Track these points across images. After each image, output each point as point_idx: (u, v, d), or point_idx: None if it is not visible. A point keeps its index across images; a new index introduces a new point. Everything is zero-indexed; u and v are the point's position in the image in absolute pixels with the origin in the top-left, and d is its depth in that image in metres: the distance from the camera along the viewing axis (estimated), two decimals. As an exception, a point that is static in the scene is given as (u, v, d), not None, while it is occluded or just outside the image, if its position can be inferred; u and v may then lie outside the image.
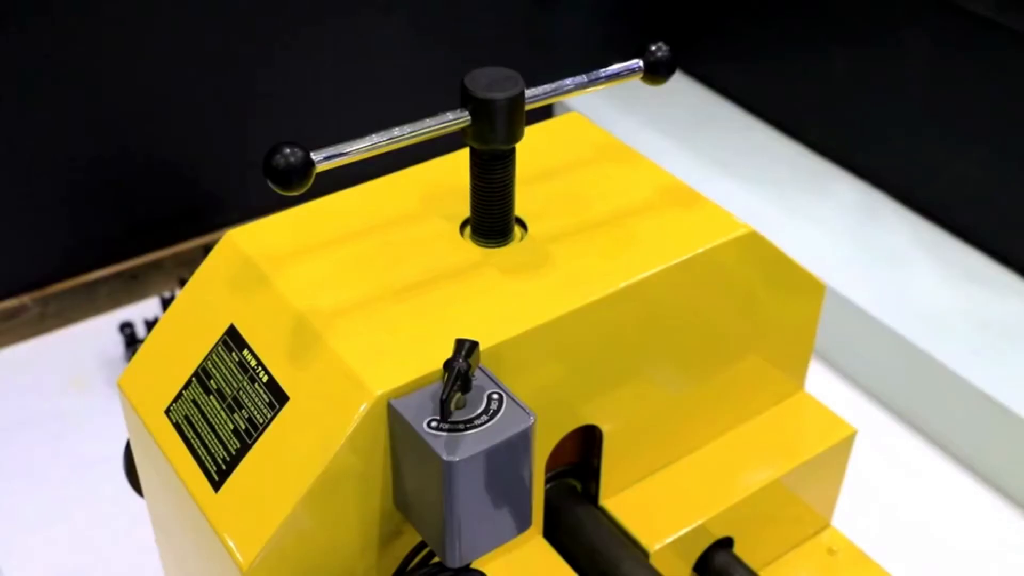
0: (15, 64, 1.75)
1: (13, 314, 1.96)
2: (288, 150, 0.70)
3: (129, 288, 2.05)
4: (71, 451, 1.79)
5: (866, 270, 1.96)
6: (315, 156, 0.71)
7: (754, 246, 0.87)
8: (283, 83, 2.01)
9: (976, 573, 1.64)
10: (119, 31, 1.81)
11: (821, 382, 1.86)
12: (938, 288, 1.92)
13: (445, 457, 0.66)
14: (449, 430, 0.67)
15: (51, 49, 1.76)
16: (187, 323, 0.84)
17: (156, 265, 2.06)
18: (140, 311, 2.05)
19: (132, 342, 1.94)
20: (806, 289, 0.94)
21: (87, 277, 2.01)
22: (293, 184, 0.70)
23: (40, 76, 1.78)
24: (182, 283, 1.92)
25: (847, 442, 0.98)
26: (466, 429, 0.67)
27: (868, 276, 1.95)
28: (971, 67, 1.89)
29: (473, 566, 0.77)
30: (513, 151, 0.80)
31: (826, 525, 1.04)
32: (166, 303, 1.93)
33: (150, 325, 1.92)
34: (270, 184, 0.70)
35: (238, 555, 0.71)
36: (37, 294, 1.97)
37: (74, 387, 1.91)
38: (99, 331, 2.01)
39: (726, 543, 0.94)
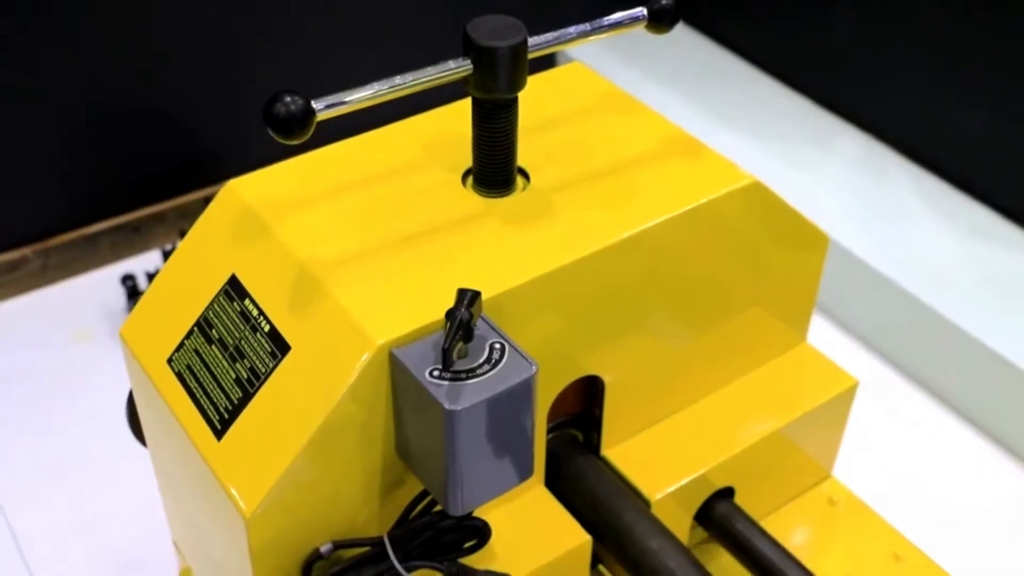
0: (16, 17, 1.74)
1: (14, 266, 1.96)
2: (289, 98, 0.69)
3: (130, 240, 2.05)
4: (74, 402, 1.80)
5: (869, 224, 1.96)
6: (316, 104, 0.71)
7: (758, 197, 0.87)
8: (285, 34, 1.99)
9: (975, 524, 1.65)
10: (118, -20, 1.80)
11: (823, 335, 1.86)
12: (941, 242, 1.92)
13: (447, 406, 0.66)
14: (451, 379, 0.67)
15: (52, 1, 1.75)
16: (188, 273, 0.83)
17: (157, 217, 2.06)
18: (142, 263, 2.05)
19: (134, 294, 1.94)
20: (810, 241, 0.94)
21: (88, 229, 2.00)
22: (294, 132, 0.70)
23: (41, 28, 1.77)
24: (183, 235, 1.91)
25: (849, 393, 0.98)
26: (468, 378, 0.67)
27: (871, 230, 1.94)
28: (976, 21, 1.87)
29: (475, 515, 0.77)
30: (515, 100, 0.80)
31: (827, 476, 1.05)
32: (168, 255, 1.93)
33: (152, 277, 1.92)
34: (271, 132, 0.70)
35: (241, 503, 0.71)
36: (38, 246, 1.97)
37: (76, 339, 1.91)
38: (101, 283, 2.02)
39: (727, 493, 0.94)
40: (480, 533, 0.77)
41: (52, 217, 1.97)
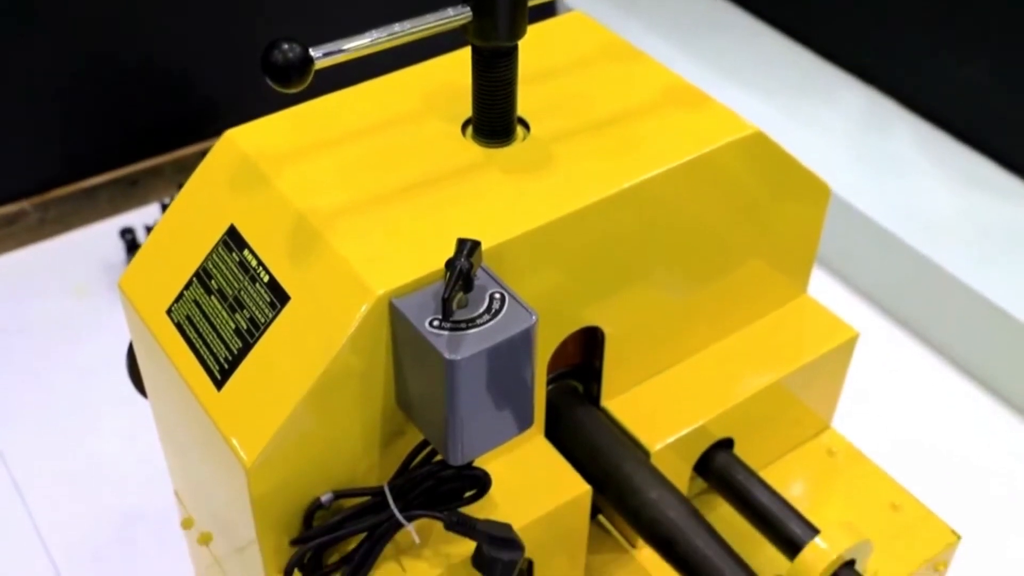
0: (7, -35, 1.72)
1: (12, 220, 1.95)
2: (286, 46, 0.69)
3: (129, 194, 2.04)
4: (74, 354, 1.80)
5: (870, 176, 1.95)
6: (314, 52, 0.70)
7: (760, 147, 0.86)
8: (281, -16, 1.97)
9: (973, 476, 1.66)
10: (112, -70, 1.77)
11: (823, 288, 1.86)
12: (942, 194, 1.91)
13: (447, 356, 0.66)
14: (451, 329, 0.67)
15: (44, -51, 1.73)
16: (187, 223, 0.83)
17: (155, 171, 2.05)
18: (140, 217, 2.04)
19: (133, 248, 1.93)
20: (811, 191, 0.93)
21: (87, 183, 1.99)
22: (292, 81, 0.69)
23: (33, -23, 1.75)
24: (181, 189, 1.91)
25: (849, 345, 0.98)
26: (468, 328, 0.67)
27: (872, 182, 1.94)
28: (983, -32, 1.85)
29: (475, 464, 0.77)
30: (515, 48, 0.79)
31: (826, 427, 1.05)
32: (166, 209, 1.92)
33: (150, 231, 1.92)
34: (269, 81, 0.69)
35: (241, 453, 0.71)
36: (37, 199, 1.96)
37: (76, 293, 1.91)
38: (99, 237, 2.01)
39: (726, 444, 0.94)
40: (480, 483, 0.78)
41: (50, 170, 1.96)
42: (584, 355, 0.90)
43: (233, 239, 0.78)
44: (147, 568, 1.49)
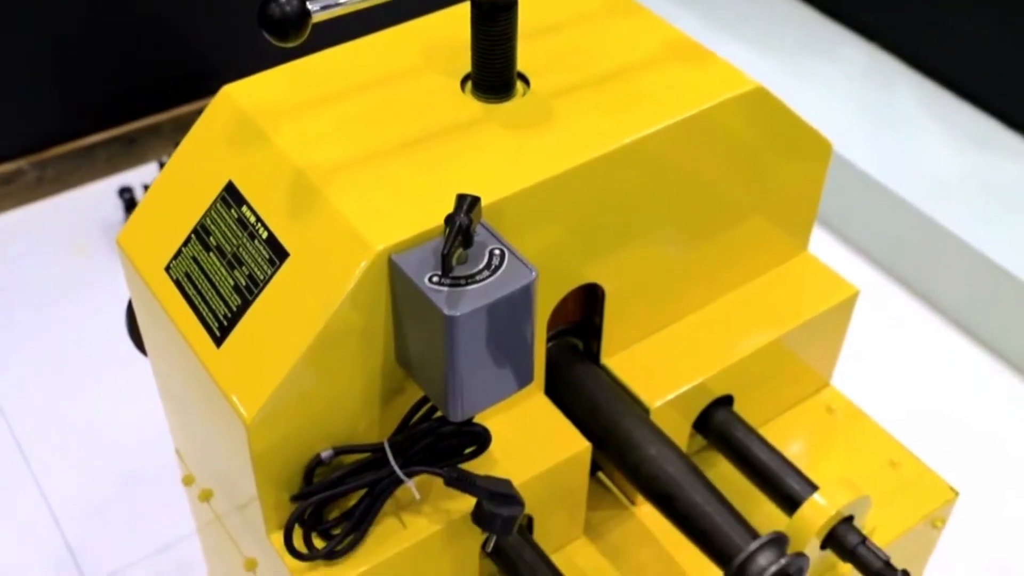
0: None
1: (10, 178, 1.94)
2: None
3: (127, 152, 2.03)
4: (74, 313, 1.80)
5: (872, 134, 1.94)
6: (311, 5, 0.69)
7: (761, 102, 0.86)
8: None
9: (971, 433, 1.66)
10: None
11: (824, 247, 1.86)
12: (944, 152, 1.90)
13: (447, 312, 0.65)
14: (451, 285, 0.67)
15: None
16: (185, 180, 0.83)
17: (153, 129, 2.04)
18: (139, 176, 2.03)
19: (131, 207, 1.93)
20: (813, 147, 0.93)
21: (84, 141, 1.99)
22: (289, 34, 0.68)
23: (27, -69, 1.73)
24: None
25: (849, 302, 0.98)
26: (467, 284, 0.67)
27: (874, 140, 1.93)
28: (988, -77, 1.83)
29: (475, 421, 0.77)
30: (515, 3, 0.78)
31: (825, 384, 1.05)
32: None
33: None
34: (266, 35, 0.68)
35: (241, 410, 0.71)
36: (34, 158, 1.96)
37: (75, 252, 1.91)
38: (98, 196, 2.01)
39: (726, 401, 0.95)
40: (480, 439, 0.78)
41: (47, 128, 1.95)
42: (584, 312, 0.90)
43: (231, 195, 0.78)
44: (148, 525, 1.50)
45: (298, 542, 0.76)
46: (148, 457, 1.56)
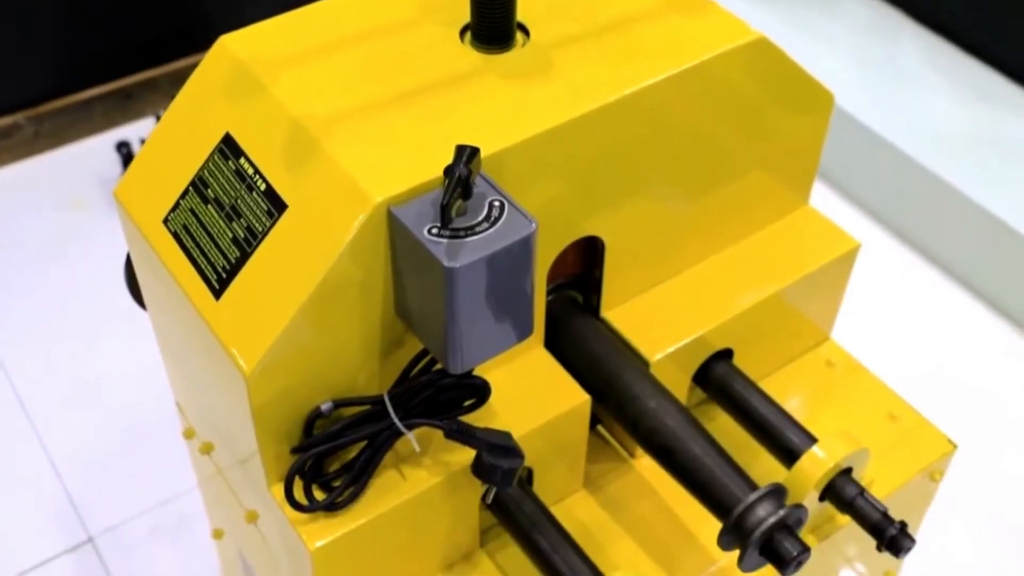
0: None
1: (7, 133, 1.93)
2: (279, -54, 0.67)
3: (124, 107, 2.02)
4: (73, 268, 1.80)
5: (875, 89, 1.93)
6: (308, -47, 0.68)
7: (763, 53, 0.85)
8: None
9: (971, 388, 1.67)
10: None
11: (824, 202, 1.86)
12: (947, 107, 1.89)
13: (446, 263, 0.65)
14: (450, 237, 0.67)
15: None
16: (182, 132, 0.82)
17: (150, 83, 2.03)
18: (136, 130, 2.02)
19: (128, 161, 1.92)
20: (815, 99, 0.92)
21: (81, 96, 1.97)
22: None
23: None
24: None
25: (850, 256, 0.98)
26: (467, 236, 0.67)
27: (877, 95, 1.92)
28: None
29: (474, 374, 0.77)
30: (515, -49, 0.77)
31: (825, 338, 1.05)
32: (162, 122, 1.90)
33: (147, 144, 1.90)
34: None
35: (240, 362, 0.71)
36: (30, 112, 1.94)
37: (73, 207, 1.90)
38: (95, 151, 2.00)
39: (726, 354, 0.94)
40: (480, 391, 0.78)
41: (44, 83, 1.94)
42: (584, 265, 0.90)
43: (229, 147, 0.77)
44: (150, 478, 1.51)
45: (298, 494, 0.76)
46: (149, 411, 1.57)
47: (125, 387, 1.62)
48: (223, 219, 0.76)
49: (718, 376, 0.93)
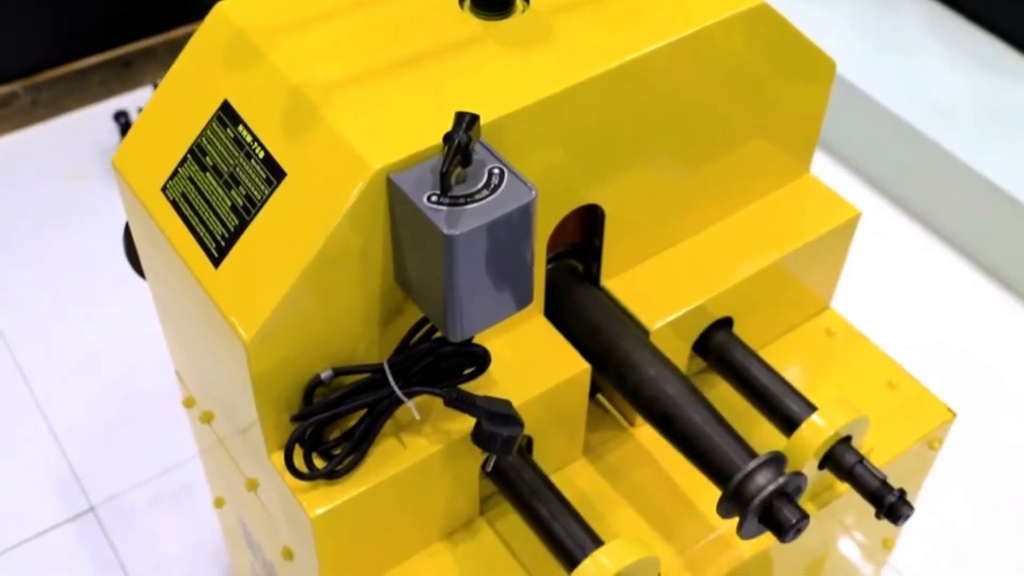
0: None
1: (4, 102, 1.93)
2: (277, -90, 0.66)
3: (122, 76, 2.01)
4: (72, 239, 1.80)
5: (876, 57, 1.92)
6: (305, -83, 0.68)
7: (765, 19, 0.84)
8: None
9: (972, 357, 1.67)
10: None
11: (825, 172, 1.85)
12: (949, 76, 1.88)
13: (446, 231, 0.65)
14: (449, 204, 0.66)
15: None
16: (179, 100, 0.81)
17: (148, 52, 2.01)
18: (134, 100, 2.01)
19: (127, 131, 1.91)
20: (817, 65, 0.91)
21: (78, 64, 1.96)
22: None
23: None
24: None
25: (850, 224, 0.98)
26: (467, 203, 0.66)
27: (878, 63, 1.91)
28: None
29: (474, 342, 0.77)
30: (515, -85, 0.76)
31: (825, 307, 1.05)
32: (160, 91, 1.89)
33: (145, 113, 1.89)
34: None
35: (240, 330, 0.71)
36: (27, 81, 1.93)
37: (71, 177, 1.90)
38: (93, 120, 1.99)
39: (726, 323, 0.94)
40: (480, 359, 0.78)
41: (41, 51, 1.93)
42: (584, 234, 0.90)
43: (227, 114, 0.77)
44: (150, 448, 1.52)
45: (299, 462, 0.76)
46: (149, 381, 1.57)
47: (125, 357, 1.62)
48: (222, 187, 0.76)
49: (718, 345, 0.93)
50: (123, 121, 1.90)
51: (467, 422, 0.79)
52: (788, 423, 0.88)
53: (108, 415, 1.57)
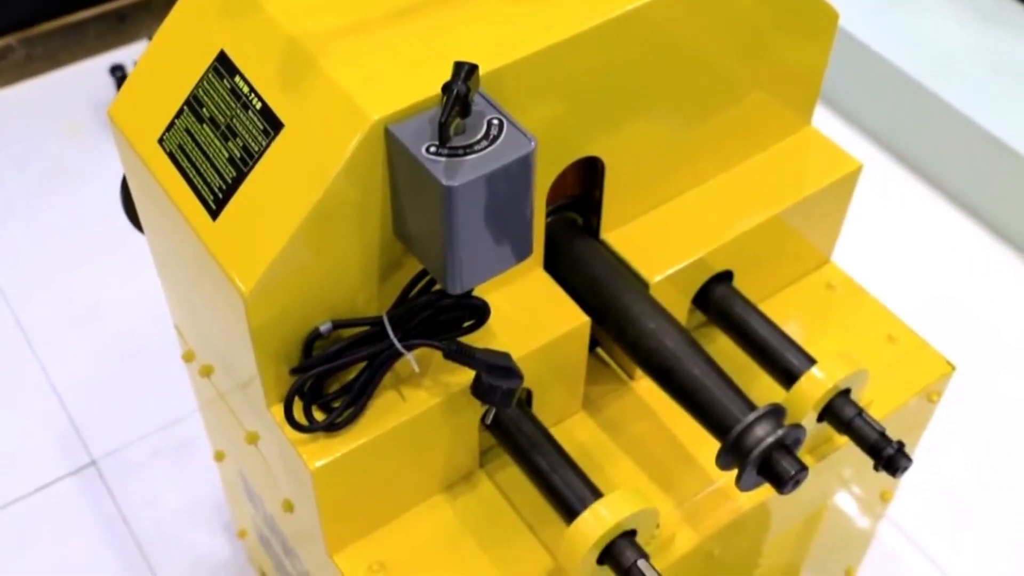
0: None
1: (-1, 56, 1.91)
2: None
3: (117, 29, 1.99)
4: (70, 193, 1.79)
5: (878, 9, 1.90)
6: None
7: (767, -31, 0.83)
8: None
9: (972, 311, 1.67)
10: None
11: (826, 126, 1.84)
12: (952, 28, 1.86)
13: (444, 182, 0.65)
14: (448, 155, 0.66)
15: None
16: (175, 50, 0.81)
17: (144, 5, 1.99)
18: (130, 53, 2.00)
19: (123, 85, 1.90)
20: (819, 16, 0.90)
21: (73, 17, 1.94)
22: None
23: None
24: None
25: (852, 177, 0.97)
26: (466, 154, 0.66)
27: (880, 15, 1.89)
28: None
29: (473, 295, 0.77)
30: None
31: (826, 261, 1.05)
32: (156, 45, 1.88)
33: (141, 67, 1.88)
34: None
35: (238, 282, 0.71)
36: (22, 35, 1.92)
37: (68, 131, 1.88)
38: (89, 74, 1.97)
39: (726, 277, 0.94)
40: (479, 312, 0.78)
41: (35, 4, 1.91)
42: (584, 187, 0.89)
43: (224, 65, 0.76)
44: (151, 402, 1.52)
45: (298, 414, 0.77)
46: (149, 335, 1.57)
47: (124, 311, 1.62)
48: (219, 139, 0.75)
49: (718, 298, 0.93)
50: (119, 75, 1.89)
51: (466, 375, 0.79)
52: (787, 376, 0.88)
53: (108, 370, 1.57)
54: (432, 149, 0.66)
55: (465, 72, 0.66)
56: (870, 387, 0.89)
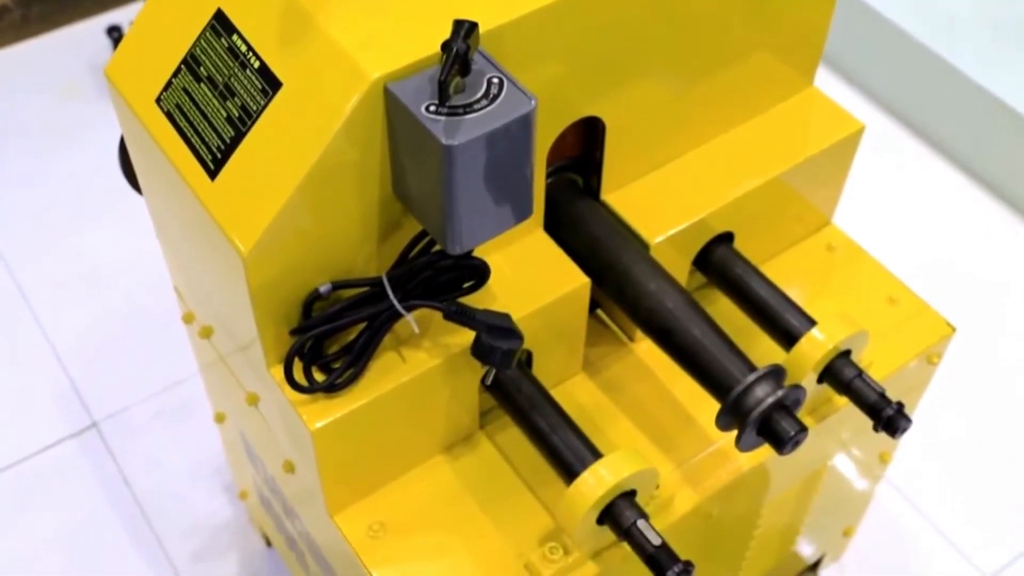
0: None
1: (-5, 17, 1.89)
2: None
3: (114, -10, 1.98)
4: (67, 156, 1.78)
5: (882, -30, 1.88)
6: None
7: (770, -74, 0.82)
8: None
9: (973, 274, 1.67)
10: None
11: (828, 86, 1.83)
12: (955, -11, 1.85)
13: (444, 141, 0.64)
14: (448, 114, 0.65)
15: None
16: (172, 9, 0.80)
17: (140, -35, 1.97)
18: (126, 14, 1.98)
19: (121, 46, 1.89)
20: (822, -25, 0.89)
21: (69, -23, 1.93)
22: None
23: None
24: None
25: (854, 137, 0.97)
26: (466, 113, 0.65)
27: (884, -24, 1.87)
28: None
29: (474, 255, 0.77)
30: None
31: (827, 223, 1.04)
32: (153, 5, 1.86)
33: (138, 28, 1.86)
34: None
35: (238, 243, 0.70)
36: (18, -5, 1.90)
37: (65, 94, 1.87)
38: (86, 35, 1.96)
39: (727, 238, 0.94)
40: (479, 273, 0.77)
41: (30, -36, 1.89)
42: (584, 148, 0.89)
43: (221, 23, 0.75)
44: (152, 364, 1.52)
45: (298, 375, 0.76)
46: (149, 297, 1.57)
47: (124, 273, 1.61)
48: (217, 98, 0.74)
49: (718, 260, 0.93)
50: (116, 36, 1.87)
51: (466, 336, 0.79)
52: (788, 337, 0.87)
53: (108, 332, 1.57)
54: (432, 108, 0.66)
55: (465, 30, 0.65)
56: (870, 348, 0.89)
